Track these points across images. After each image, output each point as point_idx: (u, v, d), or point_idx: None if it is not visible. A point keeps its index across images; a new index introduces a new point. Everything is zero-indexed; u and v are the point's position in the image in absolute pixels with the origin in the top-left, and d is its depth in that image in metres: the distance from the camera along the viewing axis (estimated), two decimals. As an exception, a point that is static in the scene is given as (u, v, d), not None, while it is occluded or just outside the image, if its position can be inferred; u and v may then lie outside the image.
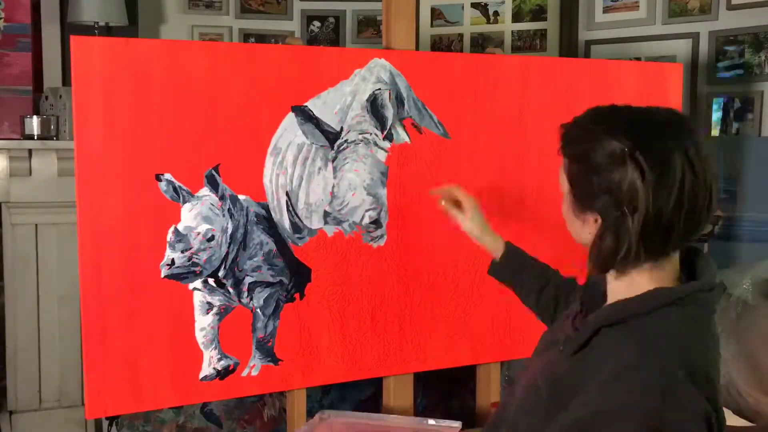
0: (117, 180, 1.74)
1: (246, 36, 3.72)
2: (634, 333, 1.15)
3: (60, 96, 3.18)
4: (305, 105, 1.91)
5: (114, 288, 1.76)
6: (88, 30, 3.20)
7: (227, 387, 1.89)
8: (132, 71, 1.74)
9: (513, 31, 3.62)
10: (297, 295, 1.94)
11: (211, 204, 1.82)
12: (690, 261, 1.24)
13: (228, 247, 1.85)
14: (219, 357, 1.87)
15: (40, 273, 3.12)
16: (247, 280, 1.89)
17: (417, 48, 2.69)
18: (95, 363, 1.76)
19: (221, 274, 1.85)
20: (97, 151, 1.73)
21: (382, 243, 2.02)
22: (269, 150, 1.89)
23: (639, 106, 1.23)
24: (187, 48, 1.83)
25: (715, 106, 3.12)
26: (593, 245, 1.19)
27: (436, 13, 3.72)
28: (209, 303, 1.85)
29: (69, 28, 3.25)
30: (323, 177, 1.94)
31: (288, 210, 1.92)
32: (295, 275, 1.94)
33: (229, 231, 1.85)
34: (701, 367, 1.13)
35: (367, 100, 1.97)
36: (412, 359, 2.09)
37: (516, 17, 3.62)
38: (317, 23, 3.80)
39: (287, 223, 1.92)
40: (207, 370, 1.86)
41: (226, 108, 1.83)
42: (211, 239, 1.82)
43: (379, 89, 1.97)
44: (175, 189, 1.79)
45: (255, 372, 1.91)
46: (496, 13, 3.65)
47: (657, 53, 3.23)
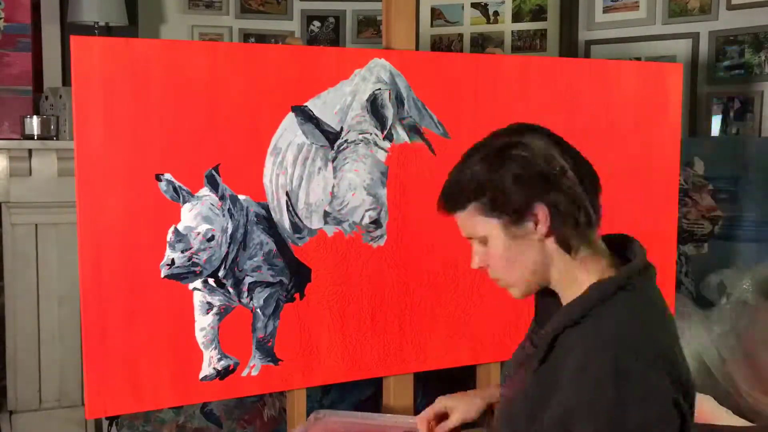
0: (117, 180, 1.74)
1: (246, 36, 3.72)
2: (587, 329, 1.17)
3: (60, 96, 3.18)
4: (305, 105, 1.91)
5: (114, 288, 1.76)
6: (88, 30, 3.21)
7: (227, 387, 1.89)
8: (132, 71, 1.74)
9: (513, 31, 3.62)
10: (297, 295, 1.94)
11: (211, 204, 1.82)
12: (620, 248, 1.27)
13: (228, 247, 1.85)
14: (219, 357, 1.87)
15: (40, 273, 3.12)
16: (247, 280, 1.89)
17: (417, 48, 2.69)
18: (95, 363, 1.76)
19: (221, 274, 1.85)
20: (97, 151, 1.73)
21: (382, 243, 2.02)
22: (269, 150, 1.89)
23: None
24: (187, 48, 1.83)
25: (715, 106, 3.12)
26: (559, 228, 1.19)
27: (436, 13, 3.72)
28: (209, 303, 1.85)
29: (69, 28, 3.26)
30: (323, 177, 1.94)
31: (288, 210, 1.92)
32: (295, 275, 1.94)
33: (229, 231, 1.85)
34: (657, 348, 1.14)
35: (367, 100, 1.97)
36: (412, 359, 2.09)
37: (516, 17, 3.62)
38: (317, 23, 3.80)
39: (287, 223, 1.92)
40: (207, 370, 1.86)
41: (226, 108, 1.83)
42: (211, 239, 1.82)
43: (379, 89, 1.97)
44: (175, 189, 1.79)
45: (255, 372, 1.91)
46: (496, 13, 3.65)
47: (657, 53, 3.24)
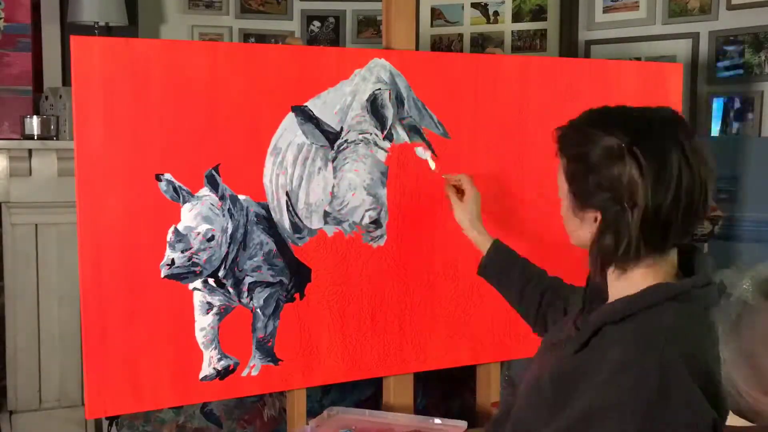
0: (117, 180, 1.74)
1: (246, 36, 3.72)
2: (633, 329, 1.16)
3: (60, 96, 3.18)
4: (305, 105, 1.91)
5: (114, 288, 1.76)
6: (88, 30, 3.21)
7: (227, 387, 1.89)
8: (132, 71, 1.74)
9: (513, 31, 3.62)
10: (297, 295, 1.94)
11: (211, 204, 1.82)
12: (687, 259, 1.25)
13: (228, 247, 1.85)
14: (219, 357, 1.87)
15: (40, 273, 3.12)
16: (247, 280, 1.89)
17: (417, 48, 2.69)
18: (95, 363, 1.76)
19: (221, 274, 1.85)
20: (97, 151, 1.73)
21: (382, 243, 2.02)
22: (269, 150, 1.89)
23: (634, 106, 1.24)
24: (187, 48, 1.83)
25: (715, 106, 3.12)
26: (593, 242, 1.20)
27: (436, 13, 3.72)
28: (209, 303, 1.85)
29: (69, 28, 3.26)
30: (323, 177, 1.94)
31: (288, 210, 1.92)
32: (295, 275, 1.94)
33: (229, 231, 1.85)
34: (701, 363, 1.14)
35: (367, 100, 1.97)
36: (412, 359, 2.09)
37: (516, 17, 3.62)
38: (317, 23, 3.80)
39: (287, 223, 1.92)
40: (207, 370, 1.86)
41: (226, 108, 1.83)
42: (211, 239, 1.82)
43: (379, 89, 1.97)
44: (175, 189, 1.79)
45: (255, 372, 1.91)
46: (496, 13, 3.65)
47: (657, 53, 3.23)
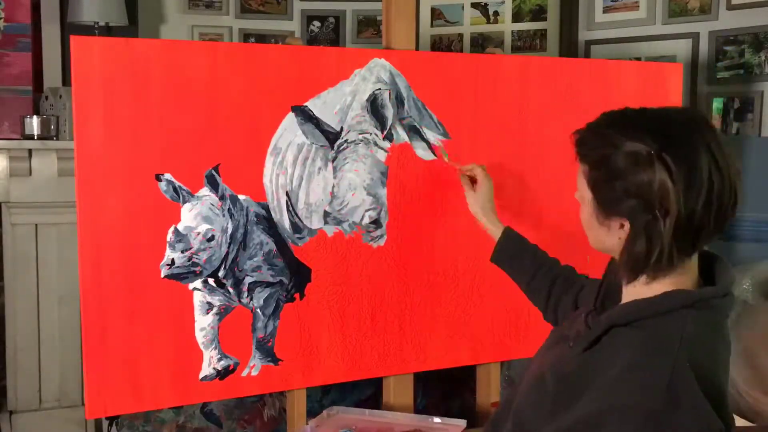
0: (117, 180, 1.74)
1: (246, 36, 3.72)
2: (645, 333, 1.14)
3: (60, 96, 3.18)
4: (305, 105, 1.91)
5: (114, 288, 1.76)
6: (88, 30, 3.21)
7: (227, 387, 1.89)
8: (132, 71, 1.74)
9: (513, 31, 3.62)
10: (297, 295, 1.94)
11: (211, 204, 1.82)
12: (707, 265, 1.22)
13: (228, 247, 1.85)
14: (219, 357, 1.87)
15: (40, 273, 3.12)
16: (247, 280, 1.89)
17: (417, 48, 2.69)
18: (95, 363, 1.76)
19: (221, 274, 1.85)
20: (97, 151, 1.73)
21: (382, 243, 2.02)
22: (269, 150, 1.89)
23: (652, 107, 1.20)
24: (187, 48, 1.83)
25: (715, 106, 3.12)
26: (624, 251, 1.17)
27: (436, 13, 3.72)
28: (209, 303, 1.85)
29: (69, 28, 3.26)
30: (323, 177, 1.94)
31: (288, 210, 1.92)
32: (295, 275, 1.94)
33: (229, 231, 1.85)
34: (711, 375, 1.11)
35: (367, 100, 1.97)
36: (412, 359, 2.09)
37: (516, 17, 3.62)
38: (317, 23, 3.80)
39: (287, 223, 1.92)
40: (207, 370, 1.86)
41: (226, 108, 1.83)
42: (211, 239, 1.82)
43: (379, 89, 1.97)
44: (175, 189, 1.79)
45: (255, 372, 1.91)
46: (496, 13, 3.65)
47: (657, 53, 3.23)
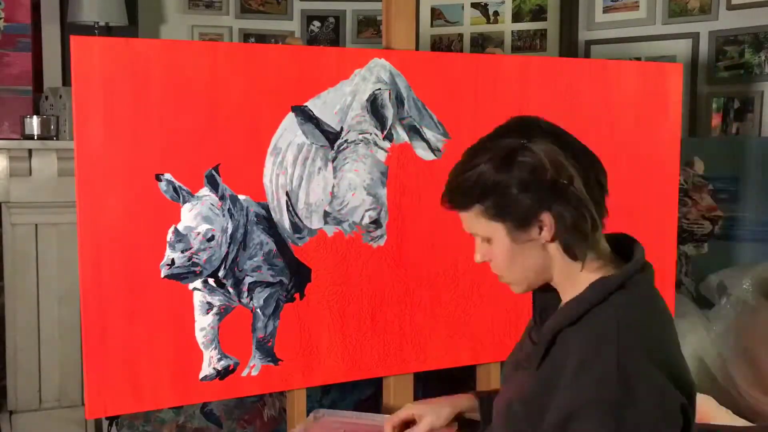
0: (117, 180, 1.74)
1: (246, 36, 3.72)
2: (587, 327, 1.16)
3: (60, 96, 3.18)
4: (305, 105, 1.91)
5: (114, 288, 1.76)
6: (88, 30, 3.21)
7: (227, 387, 1.89)
8: (132, 71, 1.74)
9: (513, 31, 3.62)
10: (297, 295, 1.94)
11: (211, 204, 1.82)
12: (619, 247, 1.26)
13: (228, 247, 1.85)
14: (219, 357, 1.87)
15: (40, 273, 3.12)
16: (247, 280, 1.89)
17: (417, 48, 2.69)
18: (95, 363, 1.76)
19: (221, 274, 1.85)
20: (97, 151, 1.73)
21: (382, 243, 2.02)
22: (269, 150, 1.89)
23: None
24: (187, 48, 1.83)
25: (715, 106, 3.12)
26: (564, 237, 1.19)
27: (436, 13, 3.72)
28: (209, 303, 1.85)
29: (69, 28, 3.26)
30: (323, 177, 1.94)
31: (288, 210, 1.92)
32: (295, 275, 1.94)
33: (229, 231, 1.85)
34: (660, 348, 1.14)
35: (367, 100, 1.97)
36: (412, 359, 2.09)
37: (516, 17, 3.62)
38: (317, 23, 3.80)
39: (287, 223, 1.92)
40: (207, 370, 1.86)
41: (226, 108, 1.83)
42: (211, 239, 1.82)
43: (379, 89, 1.97)
44: (175, 189, 1.79)
45: (255, 372, 1.91)
46: (496, 13, 3.65)
47: (657, 53, 3.24)
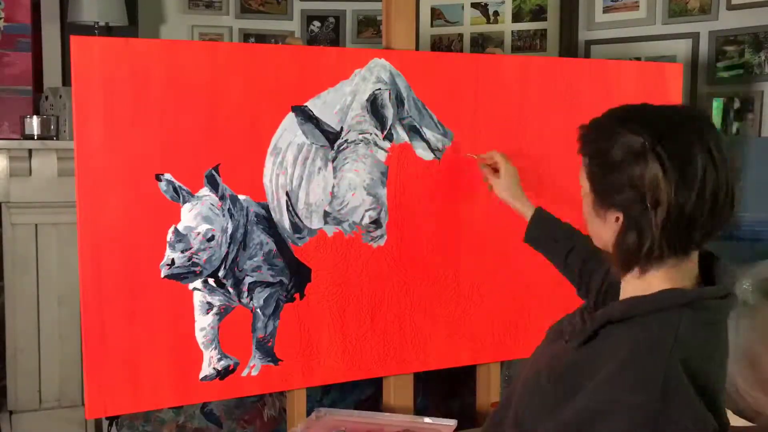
0: (117, 180, 1.74)
1: (246, 36, 3.72)
2: (640, 330, 1.14)
3: (60, 96, 3.18)
4: (305, 105, 1.91)
5: (114, 288, 1.76)
6: (88, 30, 3.21)
7: (227, 387, 1.89)
8: (132, 71, 1.74)
9: (513, 31, 3.62)
10: (297, 295, 1.94)
11: (211, 204, 1.82)
12: (708, 266, 1.22)
13: (228, 247, 1.85)
14: (219, 357, 1.87)
15: (40, 273, 3.11)
16: (247, 280, 1.89)
17: (417, 48, 2.69)
18: (95, 363, 1.76)
19: (221, 274, 1.85)
20: (97, 151, 1.73)
21: (382, 243, 2.02)
22: (269, 150, 1.89)
23: (655, 104, 1.22)
24: (187, 48, 1.83)
25: (715, 106, 3.12)
26: (616, 243, 1.18)
27: (436, 13, 3.72)
28: (209, 303, 1.85)
29: (69, 28, 3.26)
30: (323, 177, 1.94)
31: (288, 210, 1.92)
32: (295, 275, 1.94)
33: (229, 231, 1.85)
34: (704, 376, 1.11)
35: (367, 100, 1.97)
36: (412, 359, 2.09)
37: (516, 17, 3.61)
38: (317, 23, 3.80)
39: (287, 223, 1.92)
40: (207, 370, 1.86)
41: (226, 108, 1.83)
42: (211, 239, 1.82)
43: (379, 89, 1.97)
44: (175, 189, 1.79)
45: (255, 372, 1.91)
46: (496, 13, 3.65)
47: (657, 53, 3.23)
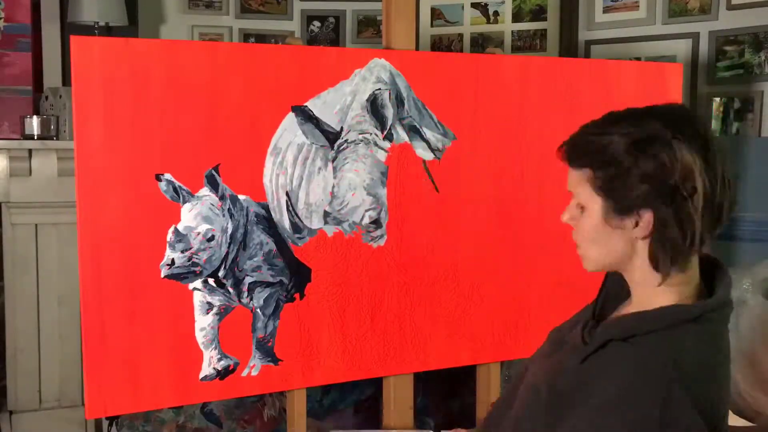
0: (117, 180, 1.74)
1: (246, 36, 3.72)
2: (641, 351, 1.10)
3: (60, 96, 3.18)
4: (305, 105, 1.91)
5: (114, 288, 1.76)
6: (88, 30, 3.20)
7: (227, 387, 1.89)
8: (132, 71, 1.74)
9: (513, 31, 3.62)
10: (297, 295, 1.94)
11: (211, 204, 1.82)
12: (708, 270, 1.18)
13: (228, 247, 1.85)
14: (219, 357, 1.87)
15: (40, 273, 3.11)
16: (247, 280, 1.89)
17: (417, 48, 2.69)
18: (95, 363, 1.76)
19: (221, 274, 1.85)
20: (97, 151, 1.73)
21: (382, 243, 2.02)
22: (269, 150, 1.89)
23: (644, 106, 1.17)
24: (187, 48, 1.83)
25: (715, 106, 3.12)
26: (655, 243, 1.11)
27: (436, 13, 3.72)
28: (209, 303, 1.85)
29: (69, 28, 3.25)
30: (323, 177, 1.94)
31: (288, 210, 1.92)
32: (295, 275, 1.94)
33: (229, 231, 1.85)
34: (706, 390, 1.09)
35: (367, 100, 1.97)
36: (412, 359, 2.09)
37: (516, 17, 3.61)
38: (317, 23, 3.80)
39: (287, 223, 1.92)
40: (207, 370, 1.86)
41: (226, 108, 1.83)
42: (211, 239, 1.82)
43: (379, 89, 1.97)
44: (175, 189, 1.79)
45: (255, 372, 1.91)
46: (496, 13, 3.65)
47: (657, 53, 3.23)
